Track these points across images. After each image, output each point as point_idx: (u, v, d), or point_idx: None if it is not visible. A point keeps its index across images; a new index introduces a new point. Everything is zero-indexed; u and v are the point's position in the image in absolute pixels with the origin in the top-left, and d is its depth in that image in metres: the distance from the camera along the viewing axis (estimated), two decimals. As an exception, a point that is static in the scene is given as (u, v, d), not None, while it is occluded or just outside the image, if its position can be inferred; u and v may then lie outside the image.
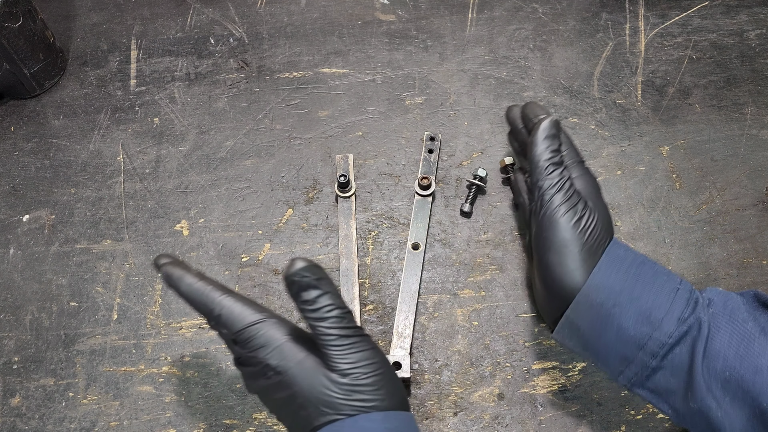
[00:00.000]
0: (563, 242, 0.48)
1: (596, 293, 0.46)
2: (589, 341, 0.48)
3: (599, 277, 0.47)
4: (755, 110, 0.70)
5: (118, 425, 0.56)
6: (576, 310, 0.47)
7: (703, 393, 0.44)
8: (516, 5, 0.78)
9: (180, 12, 0.79)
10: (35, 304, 0.61)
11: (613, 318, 0.46)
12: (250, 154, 0.69)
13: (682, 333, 0.45)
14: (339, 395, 0.41)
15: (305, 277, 0.41)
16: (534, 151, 0.51)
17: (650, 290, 0.46)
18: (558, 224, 0.48)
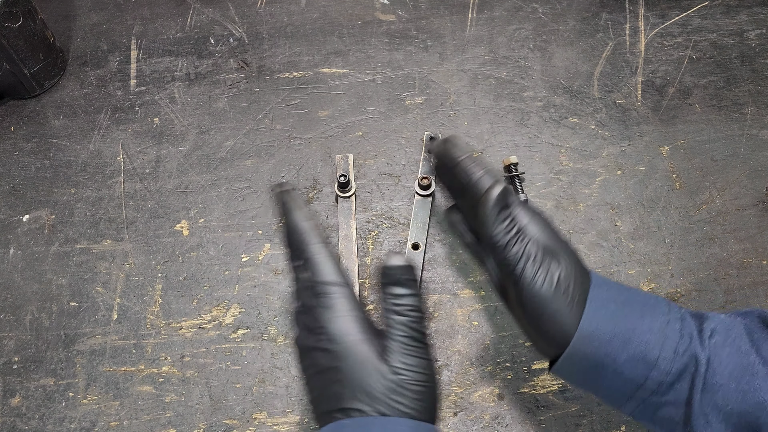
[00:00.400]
0: (551, 309, 0.46)
1: (587, 344, 0.45)
2: (587, 382, 0.47)
3: (586, 328, 0.45)
4: (755, 110, 0.70)
5: (118, 425, 0.56)
6: (569, 360, 0.46)
7: (702, 427, 0.43)
8: (516, 5, 0.78)
9: (180, 12, 0.79)
10: (35, 304, 0.61)
11: (607, 366, 0.45)
12: (250, 154, 0.69)
13: (680, 369, 0.44)
14: (381, 389, 0.41)
15: (402, 275, 0.43)
16: (489, 231, 0.47)
17: (640, 330, 0.45)
18: (538, 296, 0.46)
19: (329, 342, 0.42)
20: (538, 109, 0.71)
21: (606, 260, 0.62)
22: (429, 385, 0.42)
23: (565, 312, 0.45)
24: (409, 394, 0.41)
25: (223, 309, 0.60)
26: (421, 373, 0.42)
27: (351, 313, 0.43)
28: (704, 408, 0.43)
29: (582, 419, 0.55)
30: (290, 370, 0.58)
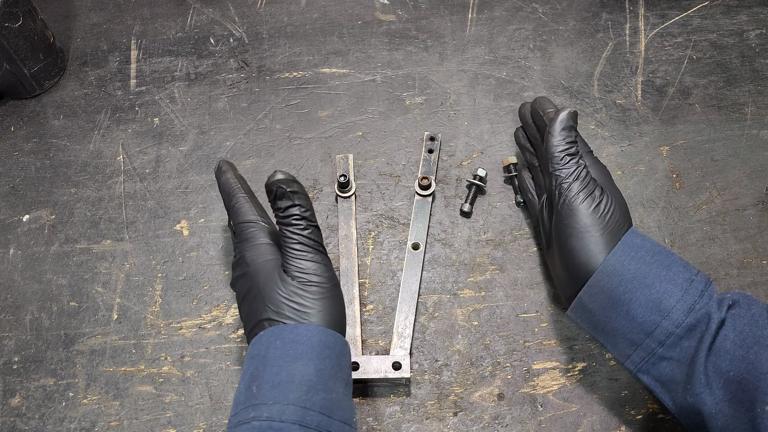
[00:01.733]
0: (584, 228, 0.49)
1: (609, 278, 0.48)
2: (600, 323, 0.49)
3: (612, 263, 0.48)
4: (755, 110, 0.70)
5: (118, 425, 0.56)
6: (588, 293, 0.49)
7: (702, 387, 0.44)
8: (516, 5, 0.78)
9: (180, 12, 0.79)
10: (35, 304, 0.61)
11: (623, 304, 0.47)
12: (250, 154, 0.69)
13: (691, 325, 0.45)
14: (282, 294, 0.46)
15: (281, 187, 0.47)
16: (551, 141, 0.53)
17: (663, 279, 0.47)
18: (578, 211, 0.50)
19: (246, 266, 0.49)
20: (538, 109, 0.71)
21: (606, 260, 0.62)
22: (325, 287, 0.47)
23: (596, 238, 0.49)
24: (307, 295, 0.46)
25: (223, 309, 0.60)
26: (316, 275, 0.47)
27: (264, 241, 0.49)
28: (707, 370, 0.44)
29: (582, 419, 0.55)
30: (290, 370, 0.58)
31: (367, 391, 0.56)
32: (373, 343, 0.59)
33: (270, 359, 0.44)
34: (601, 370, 0.57)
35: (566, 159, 0.52)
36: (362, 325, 0.59)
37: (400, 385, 0.57)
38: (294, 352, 0.44)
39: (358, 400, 0.56)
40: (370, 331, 0.59)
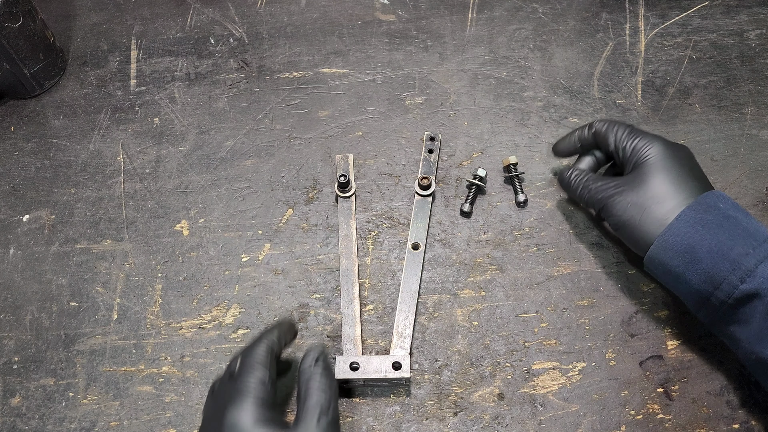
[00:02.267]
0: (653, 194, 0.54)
1: (662, 253, 0.52)
2: (669, 285, 0.54)
3: (666, 238, 0.52)
4: (755, 110, 0.70)
5: (118, 425, 0.56)
6: (650, 262, 0.54)
7: (763, 346, 0.48)
8: (516, 5, 0.78)
9: (180, 12, 0.79)
10: (35, 304, 0.61)
11: (679, 275, 0.52)
12: (250, 154, 0.69)
13: (743, 296, 0.48)
14: None
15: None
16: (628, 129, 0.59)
17: (714, 253, 0.50)
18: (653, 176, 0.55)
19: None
20: (538, 109, 0.71)
21: (607, 259, 0.62)
22: None
23: (659, 214, 0.53)
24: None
25: (223, 309, 0.60)
26: None
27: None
28: (763, 328, 0.48)
29: (582, 419, 0.55)
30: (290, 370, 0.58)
31: (367, 391, 0.56)
32: (373, 343, 0.59)
33: None
34: (601, 370, 0.57)
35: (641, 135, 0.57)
36: (362, 325, 0.59)
37: (400, 385, 0.57)
38: None
39: (358, 400, 0.56)
40: (370, 331, 0.59)
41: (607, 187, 0.57)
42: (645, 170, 0.55)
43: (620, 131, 0.58)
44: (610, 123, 0.59)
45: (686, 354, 0.57)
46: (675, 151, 0.56)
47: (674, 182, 0.54)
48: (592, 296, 0.60)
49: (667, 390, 0.56)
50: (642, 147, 0.56)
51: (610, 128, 0.59)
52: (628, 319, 0.59)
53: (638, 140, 0.57)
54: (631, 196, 0.54)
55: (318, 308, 0.60)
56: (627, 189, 0.55)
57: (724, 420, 0.55)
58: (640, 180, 0.55)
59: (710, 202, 0.52)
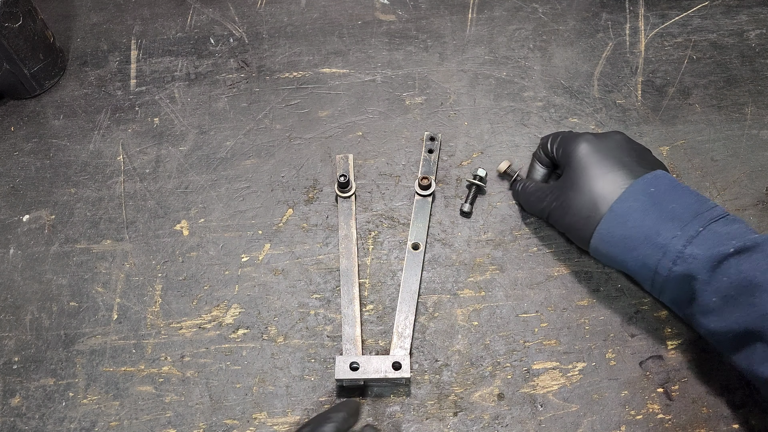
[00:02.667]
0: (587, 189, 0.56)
1: (602, 245, 0.55)
2: (614, 261, 0.56)
3: (602, 230, 0.55)
4: (755, 110, 0.70)
5: (118, 425, 0.56)
6: (594, 253, 0.57)
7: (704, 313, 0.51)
8: (516, 5, 0.78)
9: (180, 12, 0.79)
10: (35, 304, 0.61)
11: (620, 262, 0.55)
12: (250, 154, 0.69)
13: (678, 276, 0.51)
14: None
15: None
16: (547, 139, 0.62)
17: (647, 241, 0.52)
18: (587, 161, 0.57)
19: None
20: (538, 109, 0.71)
21: (606, 260, 0.62)
22: None
23: (593, 211, 0.55)
24: None
25: (223, 309, 0.60)
26: None
27: None
28: (705, 304, 0.50)
29: (582, 419, 0.55)
30: (290, 370, 0.58)
31: (367, 391, 0.56)
32: (373, 343, 0.59)
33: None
34: (601, 370, 0.57)
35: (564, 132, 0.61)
36: (362, 325, 0.59)
37: (400, 385, 0.57)
38: None
39: (358, 400, 0.56)
40: (370, 331, 0.59)
41: (544, 195, 0.59)
42: (572, 170, 0.57)
43: (554, 137, 0.60)
44: (552, 134, 0.62)
45: (686, 354, 0.57)
46: (600, 144, 0.57)
47: (602, 176, 0.55)
48: (592, 296, 0.60)
49: (667, 390, 0.56)
50: (569, 146, 0.58)
51: (549, 138, 0.61)
52: (628, 319, 0.59)
53: (567, 141, 0.58)
54: (565, 199, 0.57)
55: (318, 308, 0.60)
56: (561, 193, 0.57)
57: (724, 420, 0.55)
58: (570, 181, 0.57)
59: (639, 188, 0.54)
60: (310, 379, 0.57)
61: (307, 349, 0.58)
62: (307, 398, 0.56)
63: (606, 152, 0.56)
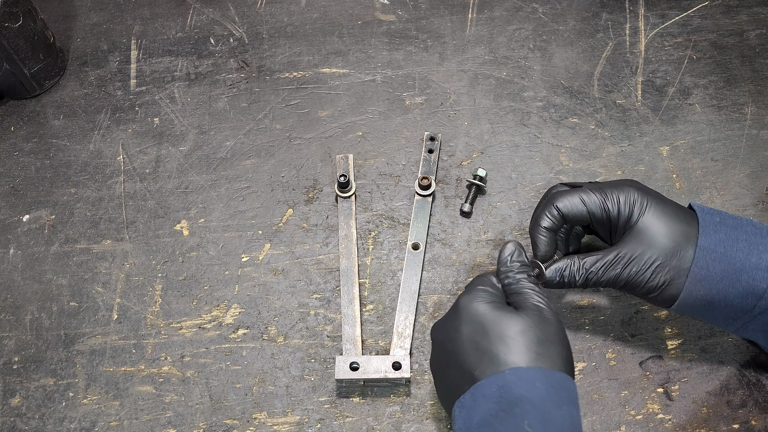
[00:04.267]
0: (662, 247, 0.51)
1: (699, 287, 0.50)
2: (700, 316, 0.52)
3: (698, 271, 0.49)
4: (755, 110, 0.70)
5: (118, 425, 0.56)
6: (684, 304, 0.50)
7: None
8: (516, 5, 0.78)
9: (180, 12, 0.79)
10: (35, 304, 0.61)
11: (719, 302, 0.50)
12: (250, 154, 0.69)
13: None
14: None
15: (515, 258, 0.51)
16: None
17: (748, 267, 0.49)
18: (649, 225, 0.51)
19: None
20: (538, 109, 0.71)
21: (606, 260, 0.62)
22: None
23: (680, 262, 0.50)
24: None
25: (223, 309, 0.60)
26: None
27: None
28: None
29: (582, 419, 0.55)
30: (290, 370, 0.58)
31: (367, 391, 0.56)
32: (373, 343, 0.59)
33: (535, 401, 0.42)
34: (601, 370, 0.57)
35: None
36: (362, 325, 0.59)
37: (400, 385, 0.57)
38: (557, 397, 0.43)
39: (358, 400, 0.56)
40: (370, 331, 0.59)
41: (617, 263, 0.51)
42: (644, 228, 0.50)
43: (588, 198, 0.52)
44: (569, 196, 0.53)
45: (686, 354, 0.57)
46: (647, 191, 0.52)
47: (673, 223, 0.50)
48: (592, 296, 0.60)
49: (667, 390, 0.56)
50: (624, 204, 0.51)
51: (574, 201, 0.53)
52: (628, 319, 0.59)
53: (616, 198, 0.52)
54: (650, 259, 0.50)
55: (318, 308, 0.60)
56: (642, 254, 0.50)
57: (724, 420, 0.55)
58: (647, 240, 0.50)
59: (708, 220, 0.50)
60: (310, 379, 0.57)
61: (307, 349, 0.58)
62: (307, 398, 0.56)
63: (654, 196, 0.52)
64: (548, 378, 0.43)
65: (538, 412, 0.42)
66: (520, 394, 0.42)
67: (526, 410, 0.42)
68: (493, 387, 0.43)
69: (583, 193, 0.52)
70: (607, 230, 0.53)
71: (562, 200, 0.52)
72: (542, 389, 0.42)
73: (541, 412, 0.42)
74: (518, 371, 0.43)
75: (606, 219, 0.52)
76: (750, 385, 0.56)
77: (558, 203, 0.52)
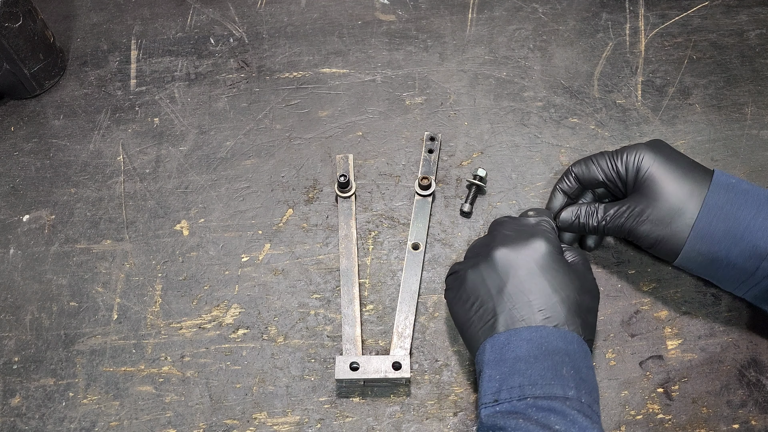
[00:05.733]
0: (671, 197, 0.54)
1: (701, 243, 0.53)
2: (704, 273, 0.55)
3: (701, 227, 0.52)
4: (755, 110, 0.70)
5: (118, 425, 0.56)
6: (687, 257, 0.54)
7: None
8: (516, 5, 0.78)
9: (180, 12, 0.79)
10: (35, 304, 0.61)
11: (721, 259, 0.52)
12: (250, 154, 0.69)
13: None
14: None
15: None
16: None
17: (753, 227, 0.51)
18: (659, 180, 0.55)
19: None
20: (538, 109, 0.71)
21: (607, 260, 0.62)
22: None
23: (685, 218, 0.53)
24: None
25: (223, 309, 0.60)
26: None
27: None
28: None
29: (582, 419, 0.55)
30: (290, 370, 0.58)
31: (367, 391, 0.56)
32: (373, 343, 0.59)
33: (573, 356, 0.48)
34: (601, 370, 0.57)
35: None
36: (362, 325, 0.59)
37: (400, 385, 0.57)
38: (588, 362, 0.49)
39: (358, 400, 0.56)
40: (370, 331, 0.59)
41: (623, 214, 0.56)
42: (650, 183, 0.55)
43: (601, 161, 0.58)
44: (584, 160, 0.60)
45: (686, 354, 0.57)
46: (660, 150, 0.56)
47: (680, 180, 0.54)
48: (592, 296, 0.60)
49: (667, 390, 0.56)
50: (632, 162, 0.56)
51: (588, 164, 0.59)
52: (628, 319, 0.59)
53: (624, 158, 0.56)
54: (652, 213, 0.54)
55: (318, 308, 0.60)
56: (645, 207, 0.54)
57: (724, 420, 0.55)
58: (651, 195, 0.54)
59: (721, 181, 0.53)
60: (310, 379, 0.57)
61: (307, 349, 0.58)
62: (307, 398, 0.56)
63: (670, 156, 0.56)
64: (581, 343, 0.49)
65: (574, 364, 0.47)
66: (559, 347, 0.48)
67: (563, 360, 0.47)
68: (534, 333, 0.48)
69: (597, 157, 0.58)
70: (623, 190, 0.58)
71: (577, 165, 0.59)
72: (578, 350, 0.48)
73: (576, 367, 0.47)
74: (560, 331, 0.48)
75: (616, 178, 0.57)
76: (750, 385, 0.56)
77: (573, 167, 0.60)
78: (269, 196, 0.66)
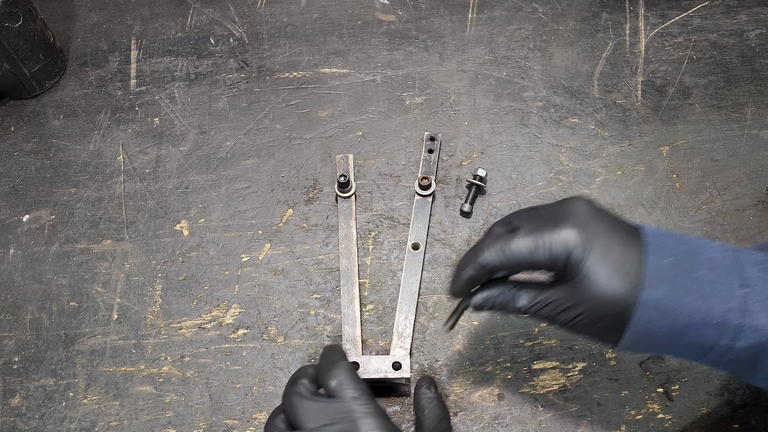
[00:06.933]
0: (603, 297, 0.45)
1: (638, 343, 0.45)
2: (655, 352, 0.47)
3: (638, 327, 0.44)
4: (755, 110, 0.70)
5: (118, 425, 0.56)
6: (626, 348, 0.45)
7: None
8: (516, 5, 0.78)
9: (180, 12, 0.79)
10: (35, 304, 0.61)
11: (666, 351, 0.45)
12: (250, 154, 0.69)
13: (742, 347, 0.43)
14: None
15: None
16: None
17: (696, 325, 0.43)
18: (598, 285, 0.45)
19: None
20: (538, 109, 0.71)
21: (606, 260, 0.62)
22: None
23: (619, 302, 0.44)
24: None
25: (223, 309, 0.60)
26: None
27: None
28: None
29: (582, 419, 0.55)
30: (290, 370, 0.58)
31: (367, 391, 0.56)
32: (373, 343, 0.59)
33: None
34: (601, 370, 0.57)
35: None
36: (362, 325, 0.59)
37: (400, 385, 0.57)
38: None
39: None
40: (370, 331, 0.59)
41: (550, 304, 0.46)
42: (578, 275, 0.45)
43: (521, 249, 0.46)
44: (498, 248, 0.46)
45: (686, 354, 0.57)
46: (587, 227, 0.45)
47: (613, 272, 0.44)
48: (592, 296, 0.60)
49: (667, 390, 0.56)
50: (559, 250, 0.45)
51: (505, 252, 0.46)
52: (628, 319, 0.59)
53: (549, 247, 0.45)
54: (585, 311, 0.45)
55: (318, 308, 0.60)
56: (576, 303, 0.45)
57: (724, 420, 0.55)
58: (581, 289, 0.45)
59: (657, 264, 0.44)
60: (310, 379, 0.57)
61: (307, 349, 0.58)
62: None
63: (603, 229, 0.45)
64: None
65: None
66: None
67: None
68: None
69: (511, 242, 0.46)
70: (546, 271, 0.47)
71: (488, 251, 0.47)
72: None
73: None
74: None
75: (538, 268, 0.46)
76: (750, 385, 0.56)
77: (481, 258, 0.47)
78: (269, 196, 0.66)
